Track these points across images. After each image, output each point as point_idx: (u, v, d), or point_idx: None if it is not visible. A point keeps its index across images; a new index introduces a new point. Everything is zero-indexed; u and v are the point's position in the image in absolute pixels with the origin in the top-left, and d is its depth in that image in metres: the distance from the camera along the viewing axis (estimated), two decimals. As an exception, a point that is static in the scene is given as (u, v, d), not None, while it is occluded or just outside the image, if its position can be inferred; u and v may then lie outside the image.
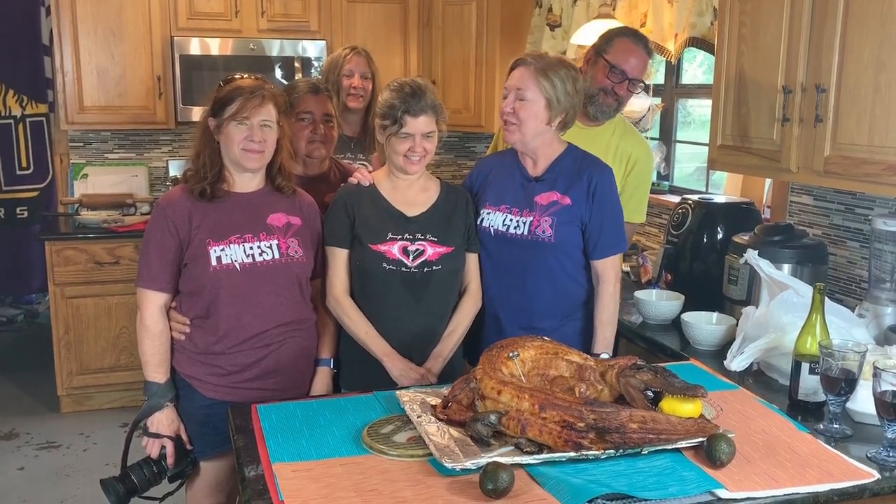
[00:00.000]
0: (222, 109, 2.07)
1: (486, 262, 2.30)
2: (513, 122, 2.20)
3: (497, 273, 2.29)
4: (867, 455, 1.67)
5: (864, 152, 2.03)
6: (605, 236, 2.25)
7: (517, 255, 2.25)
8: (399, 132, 2.11)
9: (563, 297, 2.29)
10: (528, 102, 2.17)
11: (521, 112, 2.18)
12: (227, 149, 2.09)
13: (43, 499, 3.42)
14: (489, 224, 2.28)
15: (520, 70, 2.20)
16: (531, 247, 2.23)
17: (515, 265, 2.26)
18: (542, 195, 2.25)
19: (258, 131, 2.06)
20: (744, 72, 2.44)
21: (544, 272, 2.25)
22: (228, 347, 2.09)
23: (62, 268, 4.10)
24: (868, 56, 2.00)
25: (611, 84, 2.63)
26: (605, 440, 1.57)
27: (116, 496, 2.11)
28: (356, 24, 4.59)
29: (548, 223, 2.22)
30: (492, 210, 2.29)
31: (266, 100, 2.08)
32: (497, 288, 2.30)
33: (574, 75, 2.20)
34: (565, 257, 2.26)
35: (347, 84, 3.07)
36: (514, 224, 2.25)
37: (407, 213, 2.19)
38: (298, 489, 1.49)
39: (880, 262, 2.26)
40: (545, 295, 2.26)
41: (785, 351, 2.03)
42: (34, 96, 4.82)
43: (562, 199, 2.23)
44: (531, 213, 2.24)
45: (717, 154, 2.60)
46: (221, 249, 2.06)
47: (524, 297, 2.27)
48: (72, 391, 4.24)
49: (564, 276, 2.27)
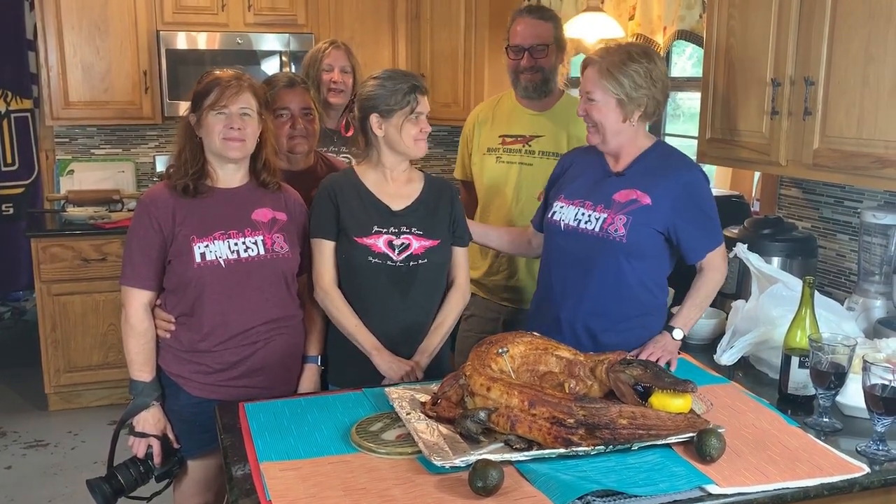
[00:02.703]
0: (201, 102, 2.05)
1: (552, 257, 2.23)
2: (589, 124, 2.13)
3: (562, 270, 2.20)
4: (857, 449, 1.67)
5: (853, 145, 2.02)
6: (699, 236, 2.12)
7: (585, 251, 2.13)
8: (411, 115, 2.10)
9: (628, 303, 2.14)
10: (598, 104, 2.09)
11: (593, 114, 2.11)
12: (208, 141, 2.07)
13: (31, 498, 3.39)
14: (560, 218, 2.20)
15: (588, 71, 2.12)
16: (601, 244, 2.11)
17: (582, 262, 2.15)
18: (622, 192, 2.12)
19: (237, 119, 2.04)
20: (733, 64, 2.43)
21: (612, 273, 2.11)
22: (214, 345, 2.07)
23: (49, 265, 4.07)
24: (857, 48, 1.99)
25: (515, 62, 2.72)
26: (594, 436, 1.56)
27: (103, 497, 2.09)
28: (343, 18, 4.56)
29: (622, 222, 2.09)
30: (565, 204, 2.21)
31: (244, 88, 2.06)
32: (560, 286, 2.20)
33: (647, 66, 2.07)
34: (637, 260, 2.11)
35: (327, 79, 3.03)
36: (585, 219, 2.15)
37: (392, 207, 2.17)
38: (286, 488, 1.48)
39: (870, 255, 2.26)
40: (610, 297, 2.13)
41: (775, 345, 2.03)
42: (18, 91, 4.76)
43: (641, 198, 2.10)
44: (606, 210, 2.12)
45: (706, 147, 2.59)
46: (206, 246, 2.04)
47: (587, 297, 2.15)
48: (60, 389, 4.22)
49: (633, 281, 2.13)
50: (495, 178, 2.80)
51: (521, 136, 2.77)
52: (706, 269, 2.15)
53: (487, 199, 2.84)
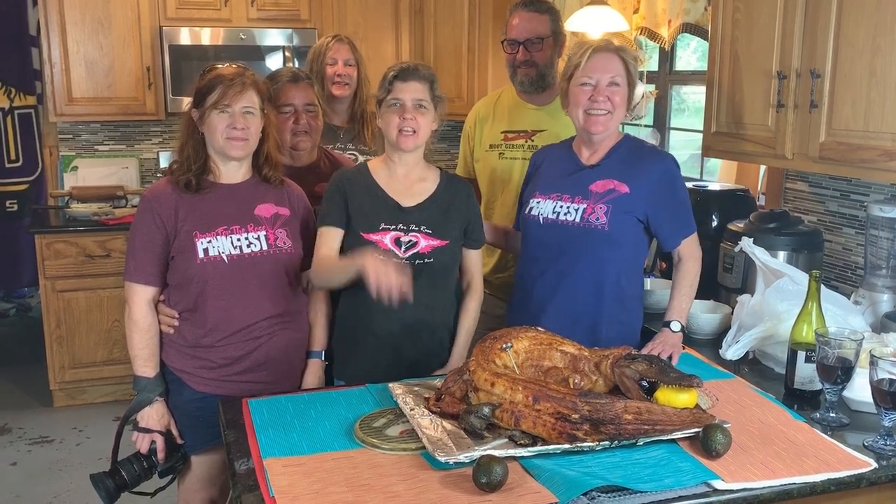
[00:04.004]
0: (204, 99, 2.05)
1: (532, 253, 2.23)
2: (607, 109, 2.11)
3: (543, 263, 2.20)
4: (864, 444, 1.66)
5: (860, 138, 2.00)
6: (675, 222, 2.15)
7: (565, 243, 2.14)
8: (388, 98, 2.09)
9: (607, 295, 2.15)
10: (621, 88, 2.11)
11: (615, 98, 2.10)
12: (211, 138, 2.06)
13: (36, 493, 3.40)
14: (538, 212, 2.19)
15: (603, 56, 2.11)
16: (582, 234, 2.11)
17: (564, 254, 2.15)
18: (598, 183, 2.14)
19: (240, 118, 2.04)
20: (738, 57, 2.42)
21: (595, 263, 2.12)
22: (217, 340, 2.07)
23: (53, 261, 4.07)
24: (863, 40, 1.97)
25: (511, 56, 2.71)
26: (599, 432, 1.55)
27: (106, 492, 2.09)
28: (346, 13, 4.55)
29: (602, 210, 2.10)
30: (542, 199, 2.20)
31: (247, 86, 2.05)
32: (539, 281, 2.20)
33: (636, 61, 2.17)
34: (617, 249, 2.13)
35: (331, 72, 3.03)
36: (564, 210, 2.15)
37: (402, 204, 2.15)
38: (290, 484, 1.47)
39: (876, 249, 2.25)
40: (594, 288, 2.14)
41: (781, 339, 2.02)
42: (22, 88, 4.77)
43: (619, 187, 2.12)
44: (585, 201, 2.13)
45: (711, 141, 2.58)
46: (208, 241, 2.04)
47: (570, 289, 2.15)
48: (64, 385, 4.22)
49: (612, 271, 2.14)
50: (499, 175, 2.79)
51: (524, 132, 2.76)
52: (683, 258, 2.18)
53: (491, 196, 2.83)
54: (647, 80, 3.80)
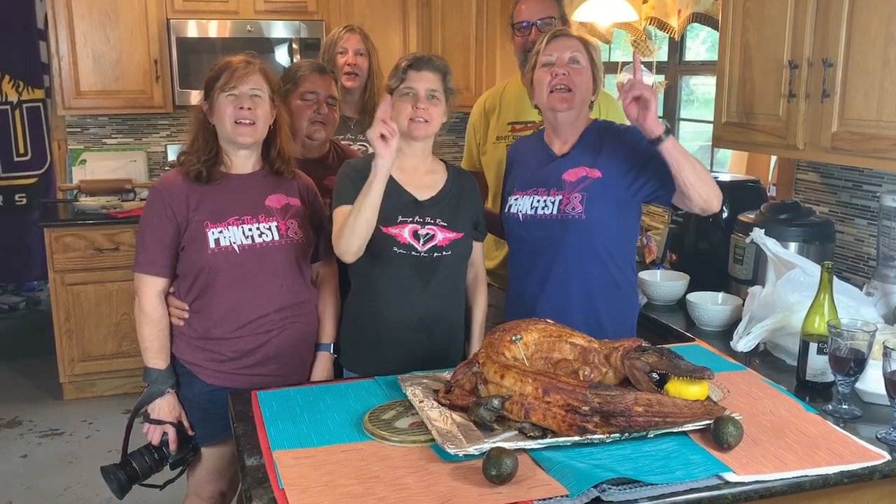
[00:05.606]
0: (212, 86, 2.05)
1: (516, 250, 2.22)
2: (568, 87, 2.10)
3: (528, 260, 2.19)
4: (877, 436, 1.65)
5: (873, 127, 1.98)
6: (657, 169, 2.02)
7: (547, 237, 2.14)
8: (401, 87, 2.08)
9: (597, 281, 2.14)
10: (583, 68, 2.13)
11: (575, 77, 2.11)
12: (220, 126, 2.07)
13: (47, 486, 3.42)
14: (517, 210, 2.19)
15: (563, 41, 2.15)
16: (561, 226, 2.10)
17: (545, 248, 2.14)
18: (570, 171, 2.13)
19: (247, 99, 2.04)
20: (749, 47, 2.40)
21: (577, 253, 2.11)
22: (227, 332, 2.07)
23: (62, 255, 4.08)
24: (876, 29, 1.95)
25: (522, 39, 2.66)
26: (610, 424, 1.55)
27: (118, 483, 2.10)
28: (354, 4, 4.53)
29: (578, 199, 2.09)
30: (519, 195, 2.20)
31: (254, 70, 2.07)
32: (529, 278, 2.20)
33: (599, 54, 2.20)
34: (599, 234, 2.11)
35: (342, 62, 3.03)
36: (542, 205, 2.14)
37: (418, 197, 2.14)
38: (299, 476, 1.47)
39: (889, 240, 2.23)
40: (582, 278, 2.12)
41: (792, 331, 2.00)
42: (30, 81, 4.78)
43: (591, 173, 2.10)
44: (560, 192, 2.13)
45: (721, 131, 2.56)
46: (220, 231, 2.04)
47: (559, 282, 2.14)
48: (74, 378, 4.24)
49: (599, 258, 2.12)
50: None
51: (532, 122, 2.74)
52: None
53: (499, 188, 2.82)
54: (656, 71, 3.78)
